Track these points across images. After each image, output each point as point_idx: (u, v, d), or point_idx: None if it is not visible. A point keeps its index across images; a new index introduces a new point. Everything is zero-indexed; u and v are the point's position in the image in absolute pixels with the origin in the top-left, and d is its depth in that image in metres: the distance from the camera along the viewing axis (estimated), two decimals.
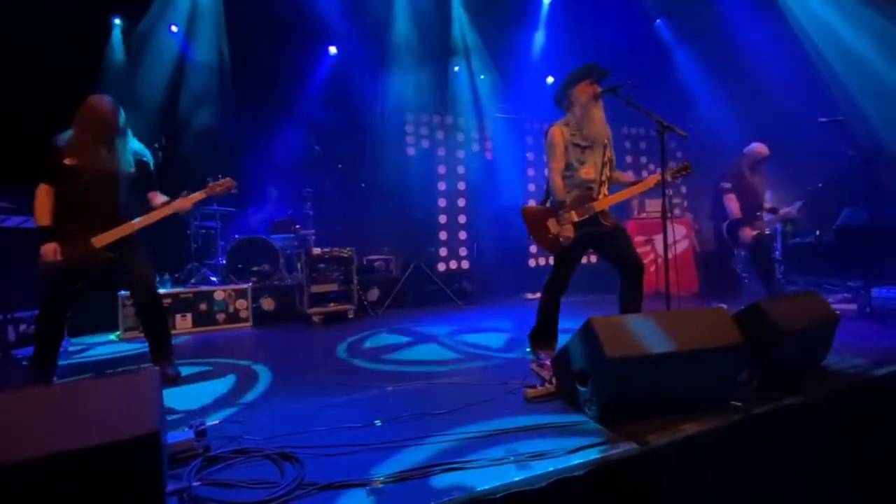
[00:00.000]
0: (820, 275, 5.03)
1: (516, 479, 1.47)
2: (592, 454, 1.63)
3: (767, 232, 4.40)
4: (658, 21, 7.45)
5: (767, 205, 4.41)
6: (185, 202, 2.80)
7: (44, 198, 2.58)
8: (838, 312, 2.52)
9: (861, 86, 5.83)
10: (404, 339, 3.85)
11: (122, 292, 4.21)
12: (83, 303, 2.98)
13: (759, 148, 4.35)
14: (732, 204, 4.27)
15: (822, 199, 5.64)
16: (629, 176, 2.98)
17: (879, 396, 2.32)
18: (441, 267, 6.15)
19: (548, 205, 2.85)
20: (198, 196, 2.85)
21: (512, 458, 1.60)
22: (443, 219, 6.25)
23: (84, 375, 3.14)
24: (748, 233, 4.21)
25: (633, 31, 6.96)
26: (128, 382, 1.30)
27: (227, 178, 2.97)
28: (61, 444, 1.06)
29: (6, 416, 1.08)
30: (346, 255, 4.98)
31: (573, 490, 1.53)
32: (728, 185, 4.32)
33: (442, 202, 6.26)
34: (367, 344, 3.74)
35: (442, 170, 6.27)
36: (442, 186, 6.26)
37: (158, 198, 2.84)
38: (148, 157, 2.88)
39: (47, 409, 1.13)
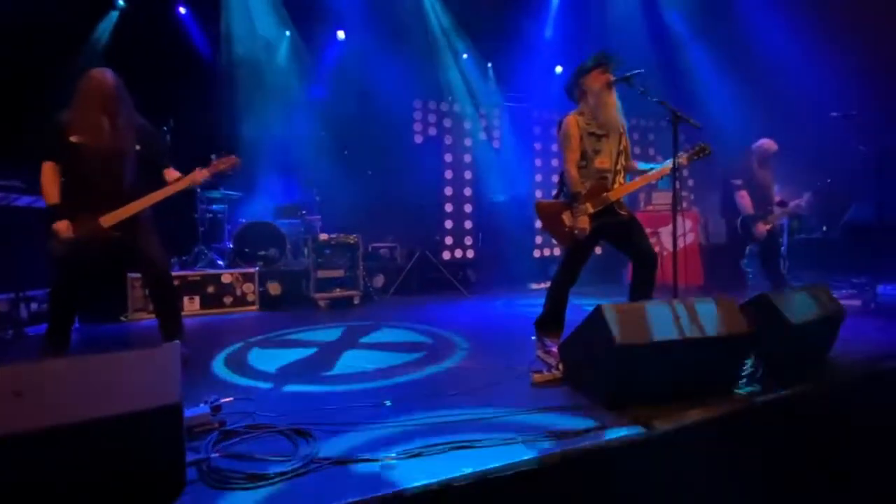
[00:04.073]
0: (826, 270, 5.03)
1: (525, 458, 1.51)
2: (599, 437, 1.66)
3: (776, 224, 4.41)
4: (670, 12, 7.35)
5: (777, 198, 4.42)
6: (195, 176, 2.76)
7: (51, 176, 2.55)
8: (844, 307, 2.53)
9: (871, 81, 5.76)
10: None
11: (132, 273, 4.25)
12: (92, 283, 3.01)
13: (767, 143, 4.37)
14: (745, 200, 4.29)
15: (830, 195, 5.62)
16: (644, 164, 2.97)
17: (882, 389, 2.35)
18: (446, 255, 6.16)
19: (561, 198, 2.84)
20: (205, 172, 2.81)
21: (521, 439, 1.64)
22: (449, 207, 6.25)
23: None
24: (762, 228, 4.23)
25: (644, 21, 6.89)
26: (150, 356, 1.33)
27: (232, 155, 2.90)
28: (91, 412, 1.10)
29: (37, 384, 1.12)
30: (352, 242, 5.00)
31: (581, 471, 1.57)
32: (739, 182, 4.34)
33: (448, 190, 6.25)
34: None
35: (449, 158, 6.25)
36: (448, 175, 6.25)
37: (174, 174, 2.79)
38: (155, 132, 2.85)
39: (75, 379, 1.17)
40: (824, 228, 5.72)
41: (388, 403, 2.01)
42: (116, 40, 5.57)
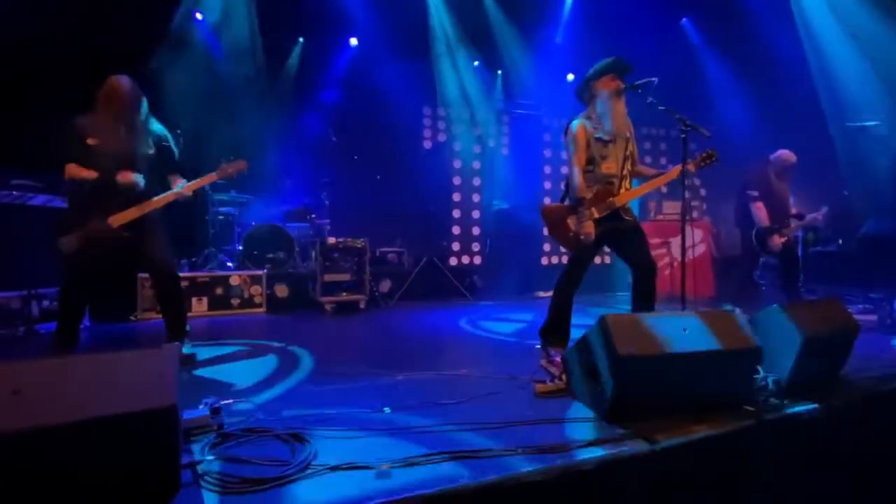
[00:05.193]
0: (841, 284, 4.92)
1: (525, 470, 1.48)
2: (601, 451, 1.62)
3: (791, 237, 4.33)
4: (683, 20, 7.31)
5: (793, 211, 4.33)
6: (202, 182, 2.86)
7: (75, 168, 2.59)
8: (859, 322, 2.46)
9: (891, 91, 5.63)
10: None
11: (142, 273, 4.30)
12: (103, 282, 3.04)
13: (785, 155, 4.29)
14: (761, 212, 4.21)
15: (847, 208, 5.50)
16: (651, 170, 2.94)
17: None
18: (453, 261, 6.14)
19: (567, 202, 2.82)
20: (210, 178, 2.90)
21: (520, 451, 1.60)
22: (456, 213, 6.24)
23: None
24: (778, 240, 4.15)
25: (657, 29, 6.84)
26: (148, 357, 1.33)
27: (240, 160, 2.98)
28: (85, 412, 1.10)
29: (34, 383, 1.12)
30: (359, 246, 5.01)
31: (581, 485, 1.53)
32: (755, 193, 4.25)
33: (456, 197, 6.24)
34: None
35: (457, 164, 6.25)
36: (457, 181, 6.24)
37: (178, 181, 2.87)
38: (170, 140, 2.92)
39: (71, 378, 1.17)
40: (840, 241, 5.60)
41: (387, 410, 1.99)
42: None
